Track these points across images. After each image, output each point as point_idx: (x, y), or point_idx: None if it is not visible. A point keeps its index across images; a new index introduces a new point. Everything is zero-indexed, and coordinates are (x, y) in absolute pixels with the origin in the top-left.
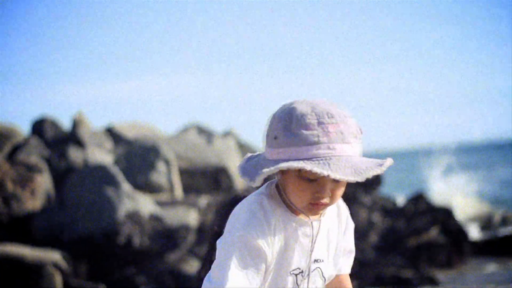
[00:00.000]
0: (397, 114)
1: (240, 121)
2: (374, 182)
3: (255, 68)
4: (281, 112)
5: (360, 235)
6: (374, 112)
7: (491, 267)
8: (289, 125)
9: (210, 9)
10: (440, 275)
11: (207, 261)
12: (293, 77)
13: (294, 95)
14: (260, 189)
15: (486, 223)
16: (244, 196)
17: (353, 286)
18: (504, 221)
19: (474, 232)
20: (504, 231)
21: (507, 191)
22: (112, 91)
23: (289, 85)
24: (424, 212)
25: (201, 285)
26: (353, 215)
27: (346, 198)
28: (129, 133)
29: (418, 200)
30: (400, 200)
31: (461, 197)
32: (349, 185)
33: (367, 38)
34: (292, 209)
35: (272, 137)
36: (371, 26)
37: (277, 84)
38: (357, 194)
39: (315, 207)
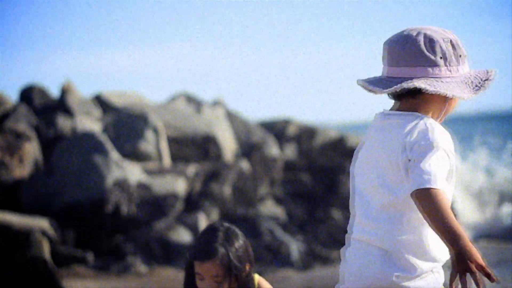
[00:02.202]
0: None
1: (229, 91)
2: None
3: (244, 38)
4: (439, 35)
5: (347, 204)
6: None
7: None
8: (455, 47)
9: None
10: None
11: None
12: (282, 46)
13: (283, 64)
14: (413, 113)
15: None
16: (221, 225)
17: (340, 255)
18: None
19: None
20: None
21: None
22: (101, 60)
23: (278, 55)
24: None
25: None
26: (340, 184)
27: (333, 167)
28: (118, 102)
29: None
30: None
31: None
32: (337, 153)
33: (361, 11)
34: None
35: (435, 57)
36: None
37: (265, 54)
38: (344, 163)
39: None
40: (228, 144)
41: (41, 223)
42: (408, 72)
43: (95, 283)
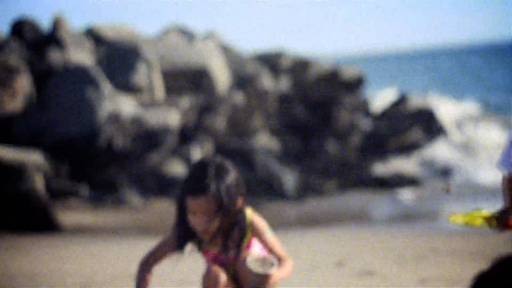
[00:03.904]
0: (387, 14)
1: (222, 23)
2: (356, 83)
3: None
4: None
5: (341, 137)
6: (363, 13)
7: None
8: None
9: None
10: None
11: (177, 220)
12: None
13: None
14: None
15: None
16: (212, 160)
17: (334, 186)
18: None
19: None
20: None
21: (503, 96)
22: None
23: None
24: (406, 114)
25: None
26: (335, 117)
27: (327, 99)
28: (110, 35)
29: (401, 102)
30: (383, 102)
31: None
32: (331, 86)
33: None
34: None
35: None
36: None
37: None
38: (339, 95)
39: None
40: (221, 77)
41: (35, 157)
42: None
43: (90, 216)
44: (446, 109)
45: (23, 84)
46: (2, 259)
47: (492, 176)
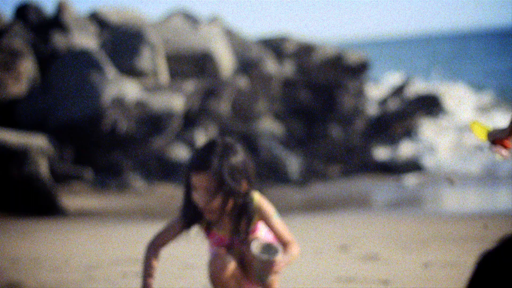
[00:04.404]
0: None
1: (227, 8)
2: (360, 68)
3: None
4: None
5: (345, 121)
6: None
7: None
8: None
9: None
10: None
11: (184, 198)
12: None
13: None
14: None
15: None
16: (221, 140)
17: (337, 171)
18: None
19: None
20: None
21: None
22: None
23: None
24: (411, 99)
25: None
26: (339, 101)
27: (331, 84)
28: (114, 19)
29: (405, 87)
30: (387, 86)
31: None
32: (335, 70)
33: None
34: None
35: None
36: None
37: None
38: (343, 80)
39: None
40: (225, 61)
41: (39, 141)
42: None
43: (93, 200)
44: (450, 94)
45: (27, 67)
46: (6, 242)
47: (490, 165)
